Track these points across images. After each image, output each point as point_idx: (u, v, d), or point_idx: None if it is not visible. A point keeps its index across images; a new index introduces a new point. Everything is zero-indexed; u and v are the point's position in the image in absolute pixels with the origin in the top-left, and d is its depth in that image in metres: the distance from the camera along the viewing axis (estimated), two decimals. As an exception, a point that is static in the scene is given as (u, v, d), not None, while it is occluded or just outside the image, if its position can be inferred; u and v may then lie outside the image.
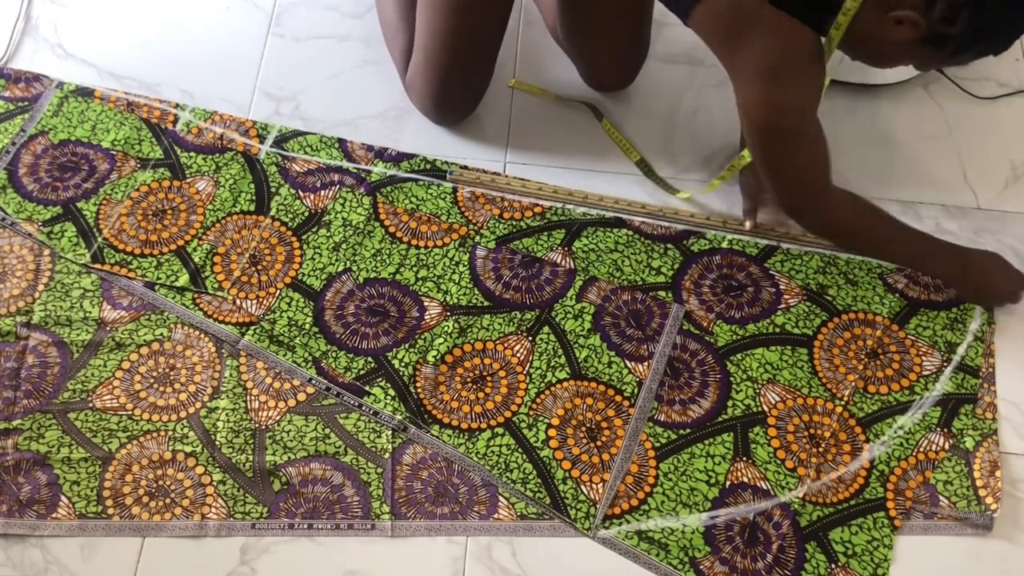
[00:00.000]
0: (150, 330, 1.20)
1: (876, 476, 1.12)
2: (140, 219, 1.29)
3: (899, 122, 1.43)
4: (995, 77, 1.49)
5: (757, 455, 1.14)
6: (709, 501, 1.11)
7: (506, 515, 1.10)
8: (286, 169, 1.34)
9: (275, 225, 1.29)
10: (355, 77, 1.45)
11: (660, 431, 1.15)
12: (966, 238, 1.32)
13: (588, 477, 1.12)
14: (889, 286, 1.26)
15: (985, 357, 1.21)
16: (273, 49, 1.48)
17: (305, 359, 1.19)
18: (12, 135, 1.35)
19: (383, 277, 1.25)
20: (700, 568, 1.07)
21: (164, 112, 1.39)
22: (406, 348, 1.20)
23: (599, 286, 1.25)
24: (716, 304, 1.24)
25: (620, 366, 1.19)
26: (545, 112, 1.42)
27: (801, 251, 1.29)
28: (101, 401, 1.15)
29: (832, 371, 1.20)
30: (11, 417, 1.13)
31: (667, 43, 1.50)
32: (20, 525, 1.07)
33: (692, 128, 1.42)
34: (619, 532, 1.09)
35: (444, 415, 1.15)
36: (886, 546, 1.09)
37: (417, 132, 1.39)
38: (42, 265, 1.24)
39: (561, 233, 1.29)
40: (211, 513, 1.08)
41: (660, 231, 1.30)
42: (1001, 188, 1.38)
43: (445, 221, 1.30)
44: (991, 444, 1.15)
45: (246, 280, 1.24)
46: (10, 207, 1.28)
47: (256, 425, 1.14)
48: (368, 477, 1.11)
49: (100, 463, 1.11)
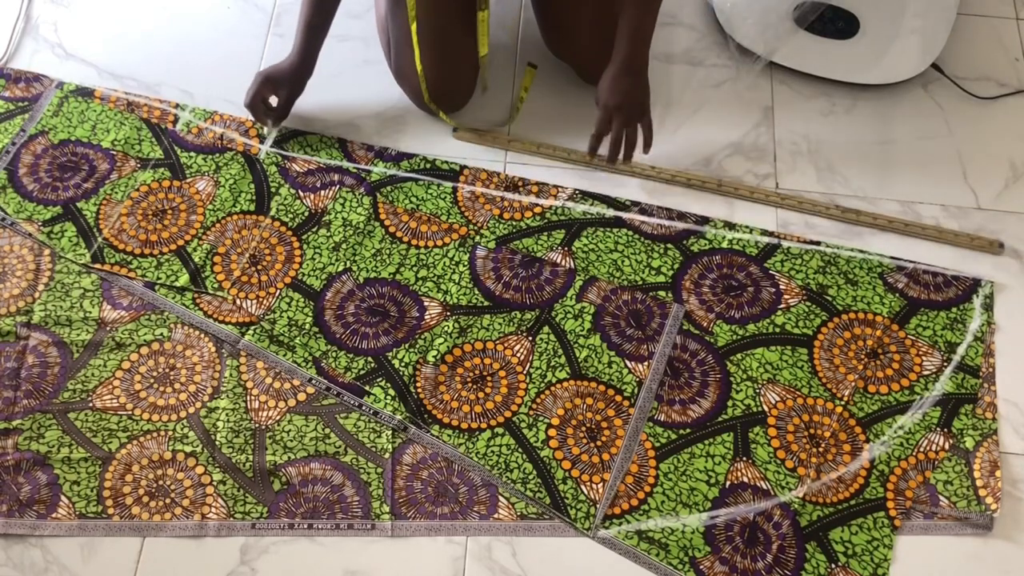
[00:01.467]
0: (150, 330, 1.20)
1: (876, 476, 1.12)
2: (140, 219, 1.29)
3: (899, 122, 1.43)
4: (995, 77, 1.49)
5: (757, 455, 1.14)
6: (709, 501, 1.11)
7: (506, 515, 1.10)
8: (286, 169, 1.34)
9: (275, 225, 1.29)
10: (355, 77, 1.45)
11: (660, 431, 1.15)
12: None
13: (588, 477, 1.12)
14: (889, 286, 1.26)
15: (985, 357, 1.21)
16: (273, 49, 1.48)
17: (305, 359, 1.19)
18: (12, 135, 1.35)
19: (383, 277, 1.25)
20: (700, 568, 1.07)
21: (164, 112, 1.39)
22: (406, 348, 1.20)
23: (599, 286, 1.25)
24: (716, 304, 1.24)
25: (620, 366, 1.19)
26: (545, 112, 1.42)
27: (801, 250, 1.29)
28: (101, 401, 1.15)
29: (832, 371, 1.20)
30: (11, 417, 1.13)
31: (667, 43, 1.50)
32: (20, 525, 1.07)
33: (692, 128, 1.42)
34: (619, 532, 1.09)
35: (444, 415, 1.15)
36: (886, 546, 1.09)
37: (417, 132, 1.39)
38: (42, 265, 1.24)
39: (561, 233, 1.30)
40: (211, 513, 1.08)
41: (660, 231, 1.30)
42: (1001, 188, 1.37)
43: (445, 221, 1.30)
44: (991, 444, 1.15)
45: (246, 280, 1.24)
46: (10, 207, 1.28)
47: (256, 425, 1.14)
48: (368, 477, 1.11)
49: (100, 463, 1.11)
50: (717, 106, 1.44)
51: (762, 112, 1.43)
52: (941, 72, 1.46)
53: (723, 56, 1.48)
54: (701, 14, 1.53)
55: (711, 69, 1.48)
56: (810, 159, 1.38)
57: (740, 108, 1.43)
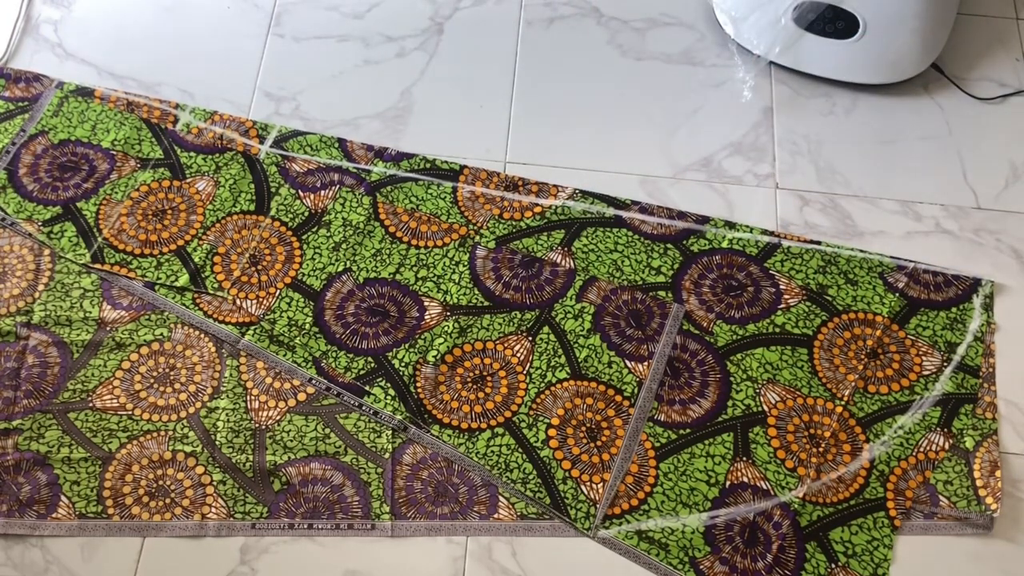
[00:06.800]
0: (150, 330, 1.20)
1: (876, 476, 1.12)
2: (140, 219, 1.29)
3: (899, 122, 1.43)
4: (995, 77, 1.49)
5: (757, 455, 1.14)
6: (709, 501, 1.11)
7: (506, 515, 1.10)
8: (286, 169, 1.34)
9: (275, 225, 1.29)
10: (355, 77, 1.45)
11: (660, 431, 1.15)
12: (966, 238, 1.32)
13: (588, 477, 1.12)
14: (889, 286, 1.26)
15: (985, 357, 1.21)
16: (273, 49, 1.48)
17: (305, 359, 1.19)
18: (12, 135, 1.35)
19: (383, 277, 1.25)
20: (700, 568, 1.07)
21: (164, 112, 1.39)
22: (406, 348, 1.20)
23: (599, 286, 1.25)
24: (716, 304, 1.24)
25: (620, 366, 1.19)
26: (545, 112, 1.42)
27: (801, 250, 1.29)
28: (101, 401, 1.15)
29: (832, 371, 1.20)
30: (11, 417, 1.13)
31: (667, 43, 1.50)
32: (20, 525, 1.07)
33: (692, 128, 1.42)
34: (619, 532, 1.09)
35: (444, 415, 1.15)
36: (886, 546, 1.09)
37: (417, 132, 1.39)
38: (42, 265, 1.24)
39: (561, 233, 1.30)
40: (211, 513, 1.08)
41: (660, 230, 1.30)
42: (1001, 188, 1.37)
43: (445, 221, 1.30)
44: (991, 444, 1.15)
45: (246, 280, 1.24)
46: (10, 207, 1.28)
47: (256, 425, 1.14)
48: (368, 477, 1.11)
49: (100, 463, 1.11)
50: (717, 106, 1.44)
51: (762, 112, 1.43)
52: (941, 72, 1.46)
53: (723, 56, 1.49)
54: (701, 14, 1.53)
55: (711, 69, 1.48)
56: (810, 159, 1.38)
57: (740, 108, 1.43)
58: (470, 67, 1.46)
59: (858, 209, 1.34)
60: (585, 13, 1.52)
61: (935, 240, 1.32)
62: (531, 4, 1.53)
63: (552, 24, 1.51)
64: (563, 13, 1.52)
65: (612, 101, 1.44)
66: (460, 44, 1.49)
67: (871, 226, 1.32)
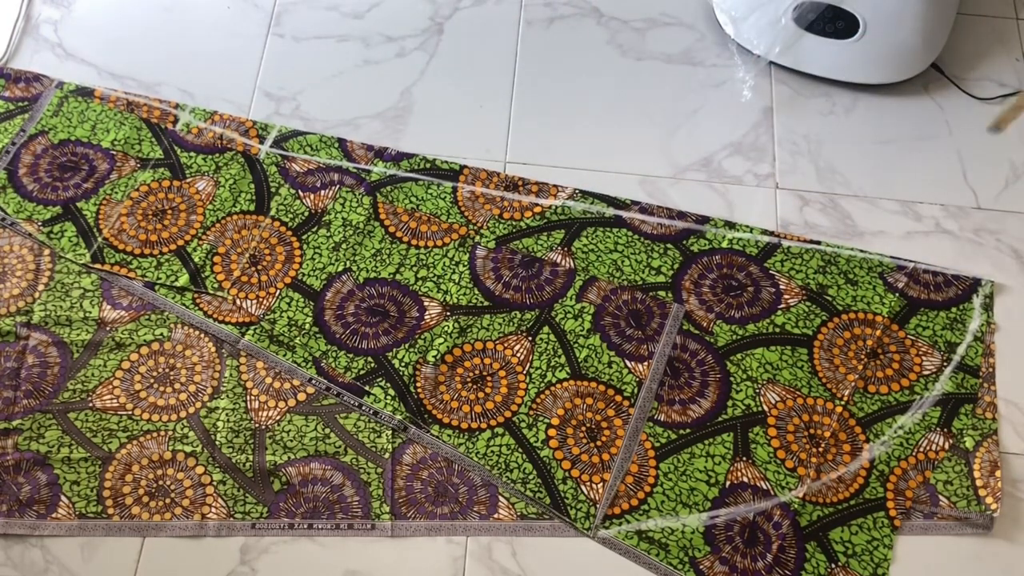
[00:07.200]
0: (150, 330, 1.20)
1: (876, 476, 1.12)
2: (140, 219, 1.29)
3: (899, 122, 1.43)
4: (995, 77, 1.49)
5: (757, 455, 1.14)
6: (709, 501, 1.11)
7: (506, 515, 1.10)
8: (286, 169, 1.34)
9: (275, 225, 1.29)
10: (355, 77, 1.45)
11: (660, 431, 1.15)
12: (966, 238, 1.32)
13: (588, 477, 1.12)
14: (889, 285, 1.26)
15: (985, 357, 1.21)
16: (273, 49, 1.48)
17: (305, 359, 1.19)
18: (12, 135, 1.35)
19: (383, 277, 1.25)
20: (700, 568, 1.07)
21: (164, 112, 1.39)
22: (406, 348, 1.20)
23: (599, 286, 1.25)
24: (716, 304, 1.24)
25: (620, 366, 1.19)
26: (545, 111, 1.42)
27: (801, 250, 1.29)
28: (101, 401, 1.15)
29: (832, 371, 1.20)
30: (11, 417, 1.13)
31: (667, 43, 1.50)
32: (20, 525, 1.07)
33: (692, 128, 1.42)
34: (619, 532, 1.09)
35: (444, 415, 1.15)
36: (886, 546, 1.09)
37: (417, 132, 1.39)
38: (42, 265, 1.24)
39: (561, 233, 1.30)
40: (211, 513, 1.08)
41: (660, 230, 1.30)
42: (1001, 188, 1.37)
43: (445, 221, 1.30)
44: (991, 444, 1.15)
45: (246, 280, 1.24)
46: (10, 207, 1.28)
47: (256, 425, 1.14)
48: (368, 477, 1.11)
49: (100, 463, 1.11)
50: (717, 106, 1.44)
51: (762, 112, 1.43)
52: (941, 72, 1.46)
53: (723, 56, 1.49)
54: (701, 14, 1.53)
55: (711, 69, 1.48)
56: (810, 159, 1.38)
57: (740, 108, 1.43)
58: (470, 67, 1.47)
59: (858, 209, 1.34)
60: (585, 13, 1.52)
61: (935, 240, 1.32)
62: (531, 4, 1.53)
63: (552, 24, 1.51)
64: (563, 13, 1.52)
65: (612, 101, 1.44)
66: (460, 44, 1.49)
67: (871, 226, 1.32)
